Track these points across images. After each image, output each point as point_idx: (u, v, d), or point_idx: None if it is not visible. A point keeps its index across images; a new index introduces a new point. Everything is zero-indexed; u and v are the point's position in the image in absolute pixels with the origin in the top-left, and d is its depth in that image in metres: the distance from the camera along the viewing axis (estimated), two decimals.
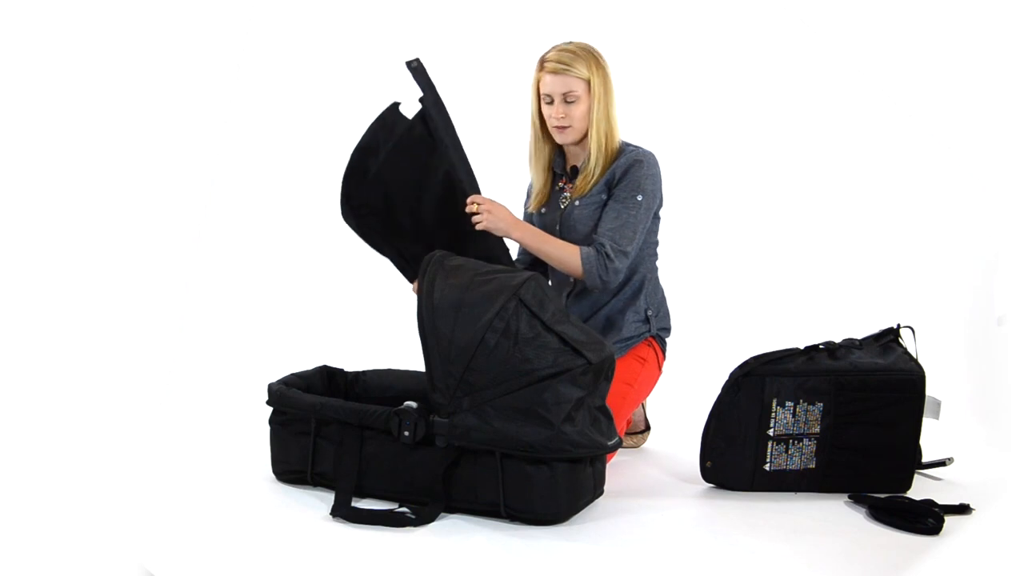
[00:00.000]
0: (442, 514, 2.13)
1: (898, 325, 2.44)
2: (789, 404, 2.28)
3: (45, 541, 2.09)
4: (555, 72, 2.47)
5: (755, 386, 2.28)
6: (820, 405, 2.28)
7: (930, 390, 2.30)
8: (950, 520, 2.12)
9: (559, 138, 2.54)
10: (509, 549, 1.98)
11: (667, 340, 2.68)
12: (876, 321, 2.54)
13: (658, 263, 2.67)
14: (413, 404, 2.13)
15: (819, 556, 1.96)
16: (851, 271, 3.65)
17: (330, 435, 2.26)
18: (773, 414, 2.28)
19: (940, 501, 2.17)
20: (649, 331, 2.59)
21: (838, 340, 2.40)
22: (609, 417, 2.19)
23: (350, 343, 3.38)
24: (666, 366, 2.95)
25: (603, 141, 2.51)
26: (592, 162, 2.52)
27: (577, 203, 2.54)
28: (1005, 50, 3.32)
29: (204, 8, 3.90)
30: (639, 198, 2.47)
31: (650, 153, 2.55)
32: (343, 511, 2.12)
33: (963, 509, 2.18)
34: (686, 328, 3.64)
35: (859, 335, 2.43)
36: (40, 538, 2.10)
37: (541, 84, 2.52)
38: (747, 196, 3.91)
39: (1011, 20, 3.30)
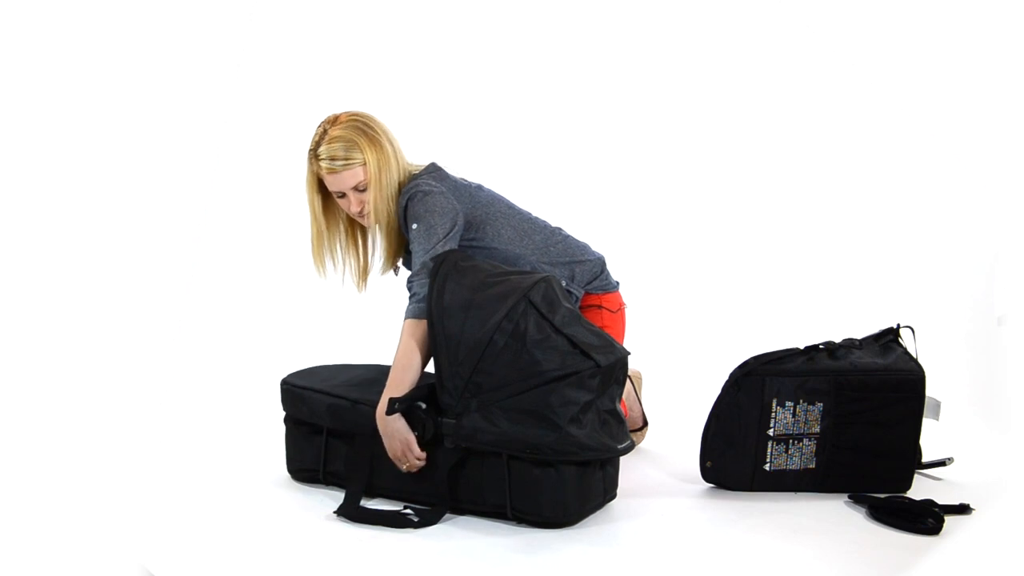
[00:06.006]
0: (449, 515, 2.13)
1: (898, 325, 2.44)
2: (789, 404, 2.28)
3: (45, 541, 2.09)
4: (334, 171, 2.35)
5: (755, 386, 2.28)
6: (820, 405, 2.28)
7: (930, 390, 2.30)
8: (950, 520, 2.12)
9: (367, 223, 2.45)
10: (511, 550, 1.99)
11: (606, 272, 2.60)
12: (876, 321, 2.54)
13: (557, 225, 2.60)
14: (422, 405, 2.13)
15: (819, 556, 1.97)
16: (851, 271, 3.65)
17: (343, 434, 2.26)
18: (773, 414, 2.28)
19: (940, 501, 2.17)
20: (576, 296, 2.53)
21: (838, 340, 2.40)
22: (620, 420, 2.19)
23: (356, 341, 3.38)
24: (666, 366, 2.95)
25: (389, 213, 2.41)
26: (384, 235, 2.44)
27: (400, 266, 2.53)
28: (1005, 50, 3.32)
29: (204, 8, 3.90)
30: (414, 226, 2.36)
31: (419, 182, 2.40)
32: (347, 511, 2.12)
33: (963, 509, 2.18)
34: (686, 328, 3.66)
35: (859, 335, 2.43)
36: (40, 538, 2.10)
37: (324, 180, 2.40)
38: (747, 196, 3.91)
39: (1011, 20, 3.30)
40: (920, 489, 2.29)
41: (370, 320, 3.72)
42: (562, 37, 4.02)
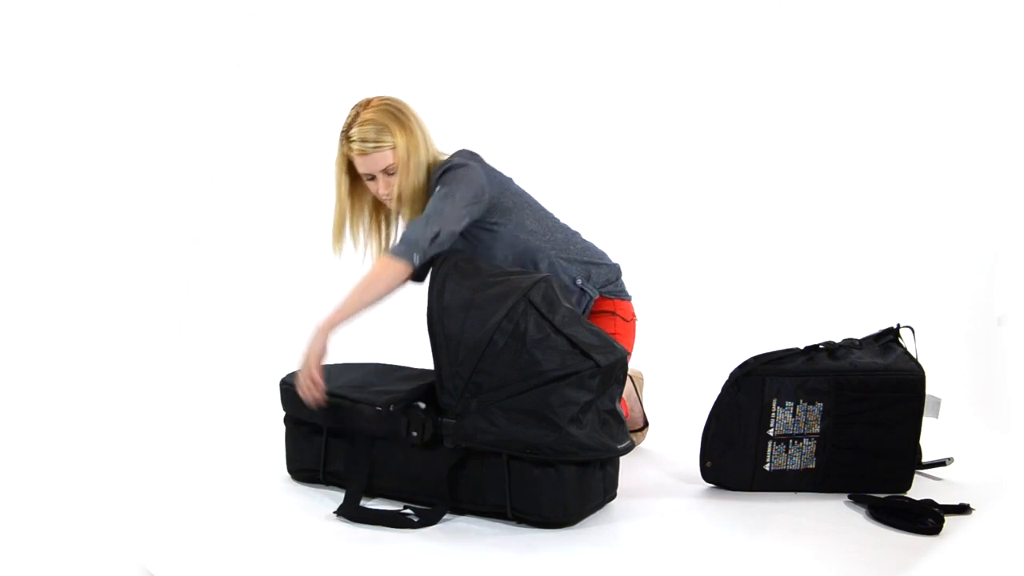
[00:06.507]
0: (449, 515, 2.13)
1: (898, 325, 2.44)
2: (789, 404, 2.28)
3: (45, 541, 2.09)
4: (364, 153, 2.38)
5: (755, 386, 2.28)
6: (820, 405, 2.28)
7: (930, 389, 2.30)
8: (950, 520, 2.12)
9: (392, 206, 2.46)
10: (511, 549, 1.99)
11: (621, 280, 2.62)
12: (876, 321, 2.54)
13: (570, 229, 2.61)
14: (422, 405, 2.13)
15: (819, 556, 1.96)
16: (851, 271, 3.65)
17: (343, 434, 2.26)
18: (773, 414, 2.28)
19: (940, 501, 2.17)
20: (591, 297, 2.55)
21: (838, 340, 2.40)
22: (620, 420, 2.19)
23: (357, 341, 3.38)
24: (666, 366, 2.94)
25: (415, 198, 2.42)
26: (409, 220, 2.44)
27: None
28: (1005, 50, 3.32)
29: (204, 8, 3.90)
30: (438, 188, 2.39)
31: (456, 158, 2.46)
32: (347, 511, 2.12)
33: (963, 509, 2.18)
34: (687, 328, 3.66)
35: (859, 335, 2.43)
36: (40, 538, 2.10)
37: (355, 163, 2.43)
38: (747, 196, 3.91)
39: (1011, 20, 3.30)
40: (920, 489, 2.29)
41: (371, 320, 3.72)
42: (562, 43, 4.02)
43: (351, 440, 2.25)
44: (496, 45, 4.03)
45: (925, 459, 2.44)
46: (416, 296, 2.66)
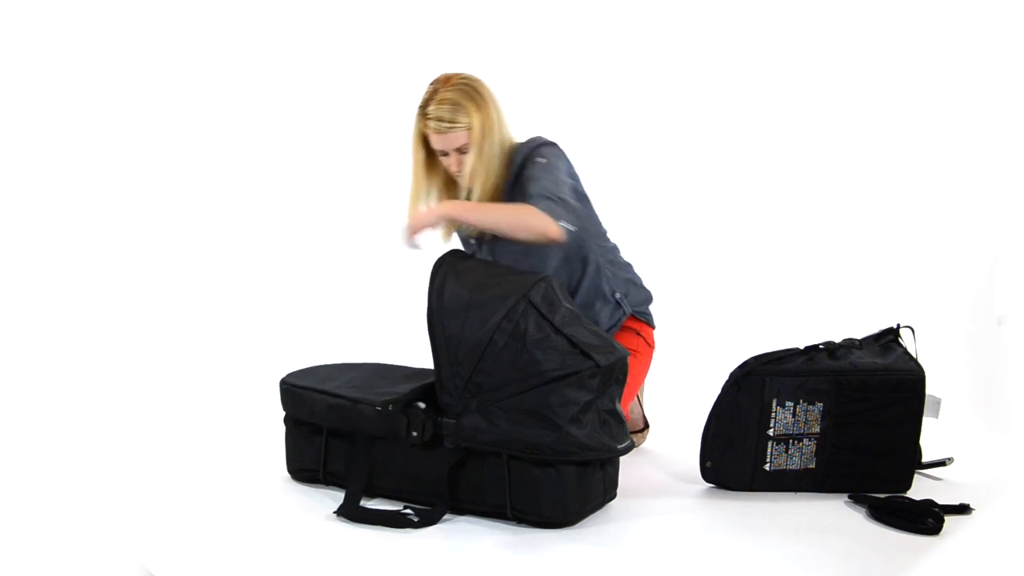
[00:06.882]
0: (449, 515, 2.13)
1: (898, 325, 2.44)
2: (789, 404, 2.28)
3: (45, 541, 2.09)
4: (439, 132, 2.40)
5: (755, 386, 2.28)
6: (820, 405, 2.28)
7: (930, 389, 2.30)
8: (950, 520, 2.12)
9: (465, 183, 2.46)
10: (511, 549, 1.99)
11: (650, 308, 2.66)
12: (876, 321, 2.54)
13: (616, 243, 2.65)
14: (421, 405, 2.13)
15: (819, 556, 1.97)
16: (851, 271, 3.65)
17: (343, 434, 2.26)
18: (773, 414, 2.28)
19: (940, 501, 2.17)
20: (624, 313, 2.57)
21: (838, 340, 2.40)
22: (620, 420, 2.19)
23: (356, 341, 3.38)
24: (666, 366, 2.94)
25: (486, 177, 2.42)
26: (480, 198, 2.43)
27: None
28: (1005, 50, 3.32)
29: (204, 8, 3.90)
30: (541, 160, 2.41)
31: (539, 138, 2.49)
32: (347, 511, 2.12)
33: (963, 509, 2.18)
34: (687, 328, 3.65)
35: (859, 335, 2.43)
36: (40, 538, 2.10)
37: (429, 139, 2.44)
38: (747, 195, 3.91)
39: (1011, 20, 3.30)
40: (920, 489, 2.29)
41: (370, 319, 3.72)
42: (556, 42, 4.02)
43: (351, 440, 2.25)
44: (494, 48, 4.02)
45: (925, 459, 2.44)
46: (416, 296, 2.66)
